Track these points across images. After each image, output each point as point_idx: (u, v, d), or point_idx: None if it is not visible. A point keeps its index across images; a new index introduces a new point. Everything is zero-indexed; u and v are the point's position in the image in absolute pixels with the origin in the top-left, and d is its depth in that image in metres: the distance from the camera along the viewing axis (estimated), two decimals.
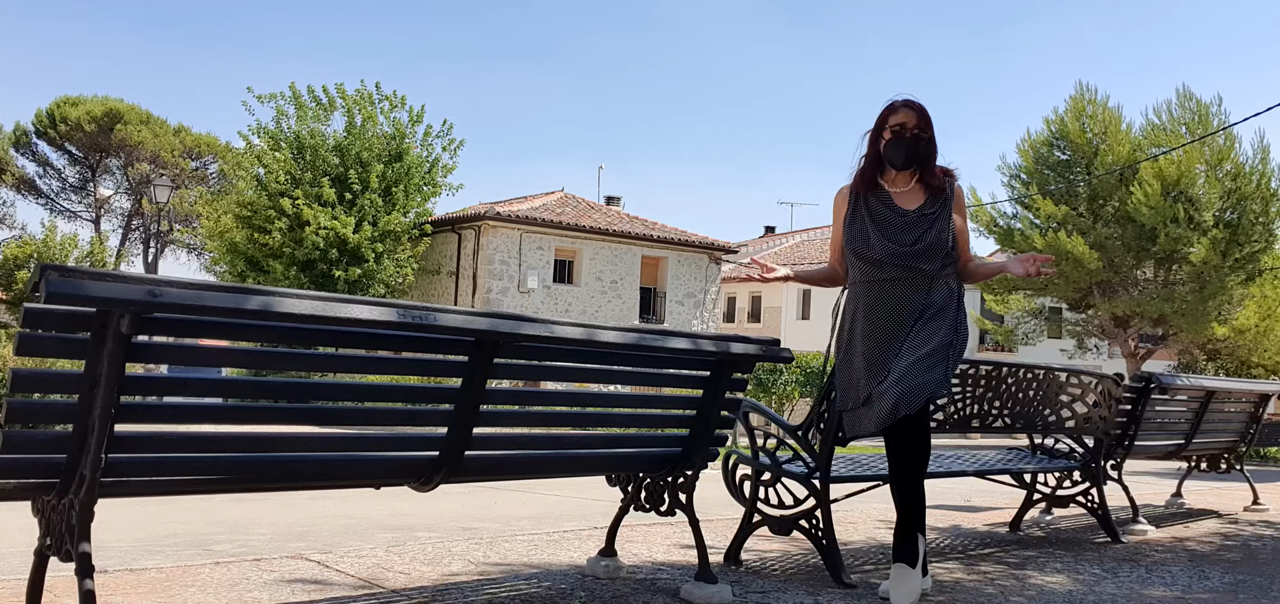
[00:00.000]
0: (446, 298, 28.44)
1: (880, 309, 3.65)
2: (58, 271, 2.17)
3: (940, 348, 3.56)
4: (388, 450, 3.01)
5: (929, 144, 3.72)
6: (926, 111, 3.74)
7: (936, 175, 3.75)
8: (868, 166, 3.79)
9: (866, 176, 3.78)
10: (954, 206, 3.76)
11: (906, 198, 3.74)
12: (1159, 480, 10.70)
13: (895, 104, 3.74)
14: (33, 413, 2.53)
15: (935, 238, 3.66)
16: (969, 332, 3.77)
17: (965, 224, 3.83)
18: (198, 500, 6.15)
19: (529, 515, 6.22)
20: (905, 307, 3.62)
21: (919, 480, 3.60)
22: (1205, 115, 24.73)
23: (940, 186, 3.74)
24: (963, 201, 3.82)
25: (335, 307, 2.57)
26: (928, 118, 3.74)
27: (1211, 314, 25.12)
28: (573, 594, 3.61)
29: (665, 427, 3.71)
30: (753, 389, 20.43)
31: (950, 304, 3.65)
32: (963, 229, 3.80)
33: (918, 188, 3.74)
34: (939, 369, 3.54)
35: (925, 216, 3.69)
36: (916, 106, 3.73)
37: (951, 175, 3.79)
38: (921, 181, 3.74)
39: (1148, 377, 5.97)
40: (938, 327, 3.58)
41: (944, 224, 3.69)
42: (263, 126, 25.62)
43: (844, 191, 3.85)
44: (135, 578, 3.68)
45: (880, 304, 3.65)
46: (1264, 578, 4.69)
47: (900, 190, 3.75)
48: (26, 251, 29.29)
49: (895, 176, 3.75)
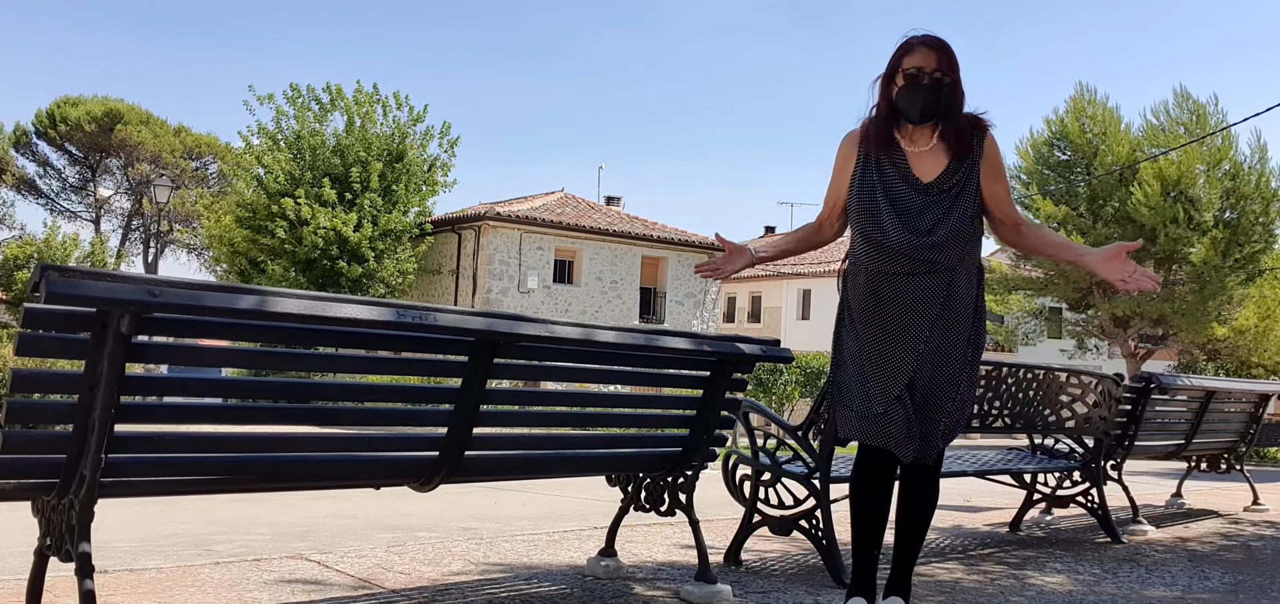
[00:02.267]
0: (446, 298, 28.44)
1: (893, 304, 3.07)
2: (58, 272, 2.17)
3: (970, 367, 3.13)
4: (388, 450, 3.01)
5: (953, 89, 3.05)
6: (950, 50, 3.07)
7: (963, 129, 3.09)
8: (880, 121, 3.12)
9: (879, 134, 3.11)
10: (985, 168, 3.13)
11: (925, 161, 3.09)
12: (1159, 480, 10.69)
13: (911, 41, 3.08)
14: (33, 413, 2.53)
15: (958, 223, 3.06)
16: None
17: (1005, 185, 3.21)
18: (198, 500, 6.15)
19: (529, 515, 6.22)
20: (922, 302, 3.06)
21: (930, 518, 3.25)
22: (1203, 115, 24.73)
23: (967, 145, 3.08)
24: (998, 159, 3.17)
25: (334, 307, 2.57)
26: (952, 58, 3.06)
27: (1211, 314, 25.12)
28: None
29: (665, 427, 3.71)
30: (753, 389, 20.44)
31: (971, 298, 3.12)
32: (1001, 194, 3.18)
33: (939, 147, 3.09)
34: (971, 401, 3.20)
35: (947, 192, 3.07)
36: (937, 44, 3.06)
37: (982, 127, 3.13)
38: (944, 138, 3.09)
39: (1148, 377, 5.97)
40: (960, 333, 3.08)
41: (969, 200, 3.09)
42: (262, 127, 25.64)
43: (852, 138, 3.19)
44: (135, 578, 3.68)
45: (893, 299, 3.07)
46: (1264, 578, 4.69)
47: (919, 149, 3.10)
48: (27, 251, 29.28)
49: (913, 132, 3.10)
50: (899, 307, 3.06)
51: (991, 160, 3.15)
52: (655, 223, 31.50)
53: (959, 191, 3.09)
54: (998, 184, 3.18)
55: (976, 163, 3.12)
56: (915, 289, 3.07)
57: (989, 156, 3.14)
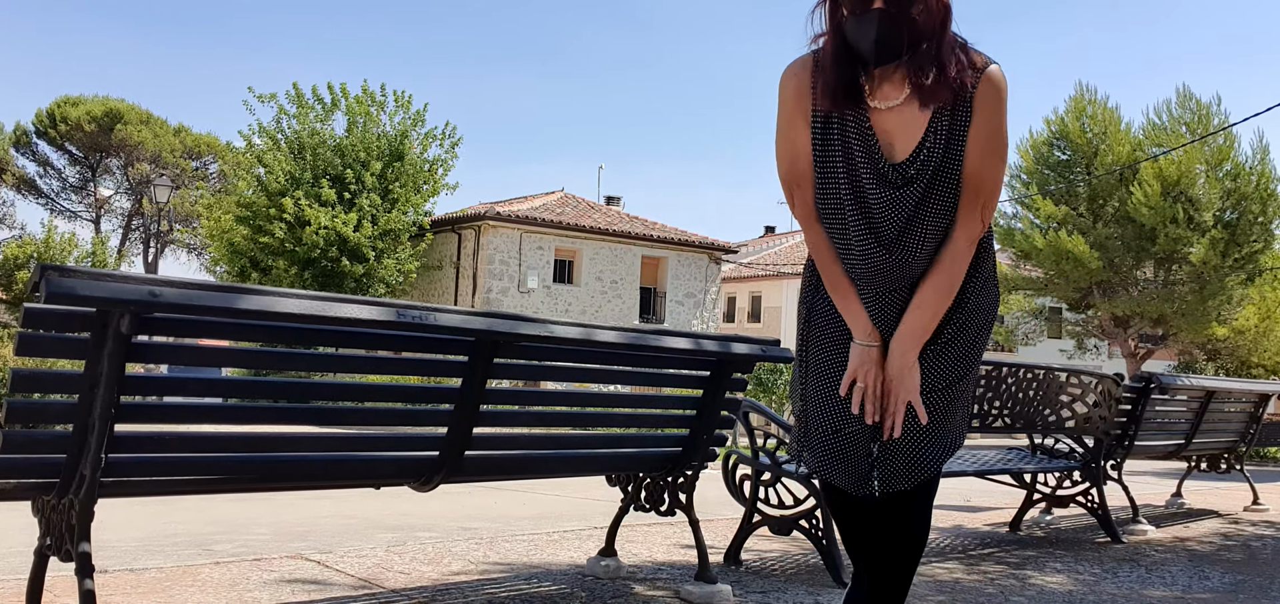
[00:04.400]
0: (446, 298, 28.44)
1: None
2: (58, 272, 2.17)
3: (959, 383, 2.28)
4: (388, 450, 3.01)
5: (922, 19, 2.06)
6: None
7: (944, 70, 2.10)
8: (832, 65, 2.14)
9: (832, 85, 2.14)
10: (977, 124, 2.13)
11: (895, 126, 2.15)
12: (1159, 480, 10.69)
13: None
14: (33, 413, 2.53)
15: (937, 223, 2.18)
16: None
17: (996, 159, 2.16)
18: (198, 500, 6.15)
19: (529, 515, 6.22)
20: (898, 308, 2.24)
21: (911, 560, 2.33)
22: (1205, 115, 24.75)
23: (943, 93, 2.10)
24: (991, 114, 2.14)
25: (334, 307, 2.57)
26: None
27: (1211, 314, 25.14)
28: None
29: (665, 426, 3.71)
30: (753, 389, 20.45)
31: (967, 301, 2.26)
32: (984, 173, 2.15)
33: (911, 104, 2.14)
34: (966, 419, 2.39)
35: (919, 172, 2.14)
36: None
37: (973, 67, 2.12)
38: (917, 89, 2.12)
39: (1148, 377, 5.97)
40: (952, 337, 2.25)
41: (950, 190, 2.16)
42: (263, 126, 25.64)
43: (802, 87, 2.21)
44: (135, 578, 3.68)
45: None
46: (1264, 578, 4.69)
47: (887, 105, 2.15)
48: (27, 251, 29.26)
49: (878, 78, 2.15)
50: (871, 311, 2.26)
51: (984, 114, 2.13)
52: (655, 223, 31.50)
53: (938, 174, 2.15)
54: (984, 151, 2.15)
55: (968, 121, 2.13)
56: (890, 310, 2.24)
57: (981, 107, 2.13)
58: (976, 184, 2.17)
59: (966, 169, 2.16)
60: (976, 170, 2.16)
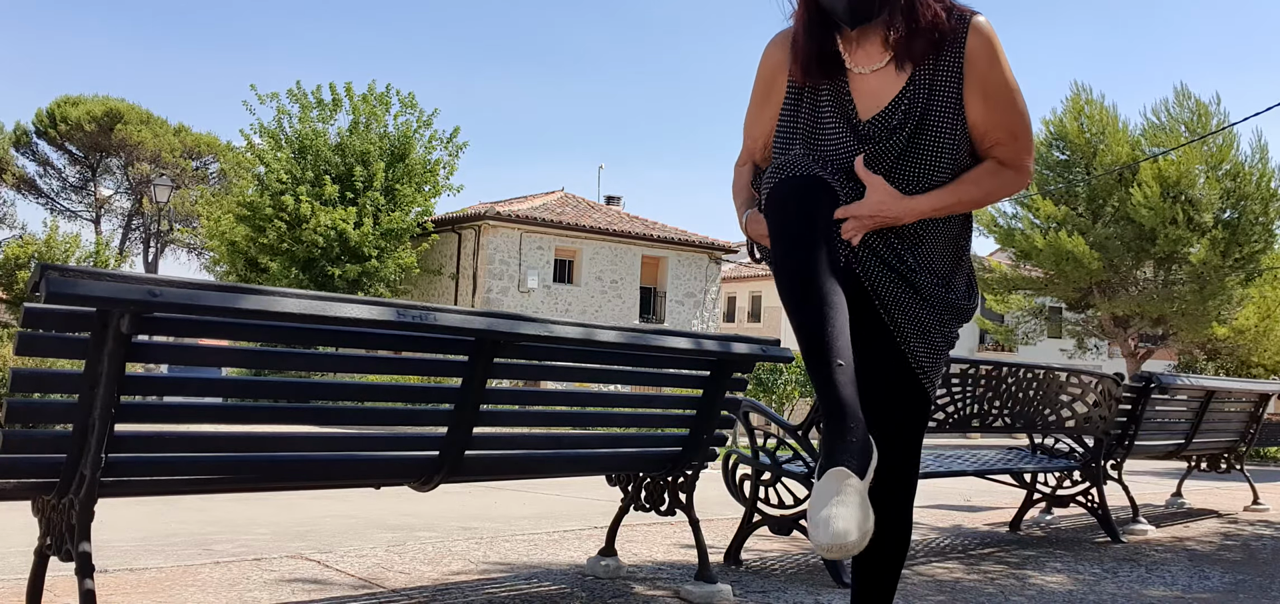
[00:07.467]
0: (447, 297, 28.44)
1: None
2: (58, 271, 2.17)
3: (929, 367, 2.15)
4: (388, 450, 3.01)
5: None
6: None
7: (922, 25, 2.02)
8: (807, 35, 2.09)
9: (808, 52, 2.09)
10: (969, 80, 2.06)
11: (877, 85, 2.08)
12: (1159, 480, 10.69)
13: None
14: (33, 413, 2.53)
15: (920, 178, 2.09)
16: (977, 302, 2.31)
17: (1008, 109, 2.08)
18: (198, 500, 6.15)
19: (529, 515, 6.22)
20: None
21: (895, 562, 2.18)
22: (1204, 115, 24.74)
23: (920, 49, 2.03)
24: (988, 68, 2.06)
25: (334, 306, 2.57)
26: None
27: (1211, 314, 25.12)
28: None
29: (665, 426, 3.71)
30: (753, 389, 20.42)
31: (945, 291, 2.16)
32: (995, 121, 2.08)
33: (889, 67, 2.08)
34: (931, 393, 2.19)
35: (897, 132, 2.06)
36: None
37: (951, 12, 2.05)
38: (896, 45, 2.05)
39: (1148, 376, 5.97)
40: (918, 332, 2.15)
41: (935, 139, 2.06)
42: (263, 126, 25.64)
43: (779, 62, 2.19)
44: (135, 578, 3.68)
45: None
46: (1264, 578, 4.69)
47: (866, 67, 2.09)
48: (28, 251, 29.26)
49: (856, 41, 2.08)
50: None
51: (979, 68, 2.05)
52: (655, 223, 31.49)
53: (914, 128, 2.05)
54: (990, 104, 2.06)
55: (949, 76, 2.05)
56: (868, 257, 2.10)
57: (974, 62, 2.04)
58: (997, 136, 2.10)
59: (974, 116, 2.08)
60: (992, 122, 2.08)
